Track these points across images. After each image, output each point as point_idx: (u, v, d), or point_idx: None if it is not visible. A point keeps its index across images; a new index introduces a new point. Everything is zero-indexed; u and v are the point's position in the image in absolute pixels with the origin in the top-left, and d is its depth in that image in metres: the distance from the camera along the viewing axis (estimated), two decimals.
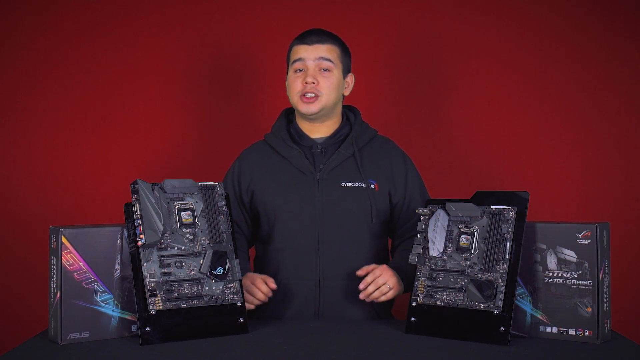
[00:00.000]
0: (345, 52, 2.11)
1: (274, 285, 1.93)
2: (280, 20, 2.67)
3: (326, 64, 2.06)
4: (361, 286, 1.92)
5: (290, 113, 2.19)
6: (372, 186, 2.06)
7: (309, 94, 2.04)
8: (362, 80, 2.28)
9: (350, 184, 2.05)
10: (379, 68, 2.68)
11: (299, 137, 2.11)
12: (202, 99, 2.69)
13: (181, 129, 2.68)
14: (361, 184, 2.05)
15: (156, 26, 2.66)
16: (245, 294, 1.89)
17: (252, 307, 1.90)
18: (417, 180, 2.13)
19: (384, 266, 1.95)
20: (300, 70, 2.06)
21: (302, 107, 2.06)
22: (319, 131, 2.11)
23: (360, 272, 1.94)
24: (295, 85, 2.06)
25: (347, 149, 2.08)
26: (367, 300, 1.92)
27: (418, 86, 2.69)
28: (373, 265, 1.95)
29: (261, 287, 1.92)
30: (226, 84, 2.69)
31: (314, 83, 2.04)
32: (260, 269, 2.12)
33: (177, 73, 2.68)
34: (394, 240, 2.15)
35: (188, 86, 2.68)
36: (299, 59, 2.06)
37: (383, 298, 1.93)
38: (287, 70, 2.12)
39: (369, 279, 1.92)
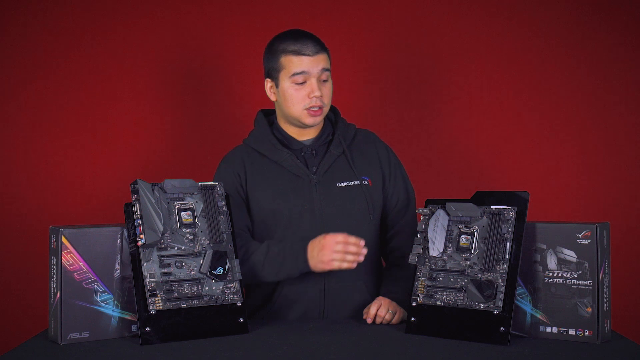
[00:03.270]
0: (329, 56, 2.05)
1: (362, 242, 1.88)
2: (276, 19, 2.67)
3: (326, 75, 2.01)
4: (364, 316, 1.92)
5: (268, 115, 2.14)
6: (366, 182, 2.05)
7: (316, 107, 2.00)
8: (362, 82, 2.28)
9: (346, 183, 2.04)
10: (378, 69, 2.68)
11: (287, 141, 2.07)
12: (203, 99, 2.68)
13: (181, 129, 2.67)
14: (356, 182, 2.04)
15: (156, 27, 2.66)
16: (332, 255, 1.85)
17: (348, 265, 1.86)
18: (400, 168, 2.13)
19: (379, 298, 1.94)
20: (302, 82, 1.99)
21: (309, 120, 2.01)
22: (307, 134, 2.08)
23: (364, 317, 1.93)
24: (299, 99, 1.99)
25: (336, 148, 2.06)
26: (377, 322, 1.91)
27: (418, 86, 2.68)
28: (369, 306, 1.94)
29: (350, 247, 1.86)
30: (228, 83, 2.69)
31: (320, 96, 2.00)
32: None
33: (178, 73, 2.68)
34: (385, 235, 2.12)
35: (189, 86, 2.68)
36: (302, 72, 1.98)
37: (386, 320, 1.91)
38: (277, 78, 2.02)
39: (372, 311, 1.91)
